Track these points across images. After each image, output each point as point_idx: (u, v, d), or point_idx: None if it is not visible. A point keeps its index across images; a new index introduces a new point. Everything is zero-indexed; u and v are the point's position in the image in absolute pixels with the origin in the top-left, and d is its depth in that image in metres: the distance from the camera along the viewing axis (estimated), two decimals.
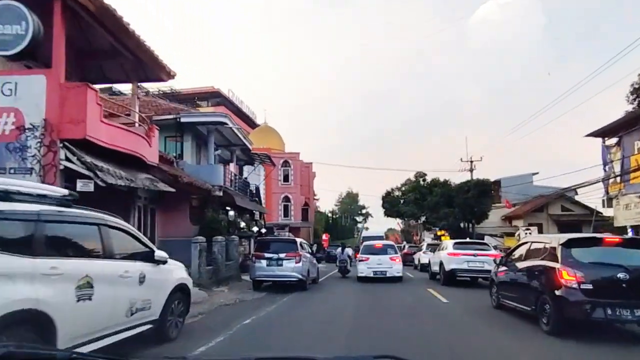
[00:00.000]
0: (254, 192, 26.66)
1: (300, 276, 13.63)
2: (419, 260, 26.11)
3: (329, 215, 79.94)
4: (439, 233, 46.07)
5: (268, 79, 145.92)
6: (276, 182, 42.12)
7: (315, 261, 17.07)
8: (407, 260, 30.88)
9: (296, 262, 13.58)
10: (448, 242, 17.61)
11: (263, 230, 25.45)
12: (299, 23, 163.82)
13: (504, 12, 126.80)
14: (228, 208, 20.54)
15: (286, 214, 42.15)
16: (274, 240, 16.72)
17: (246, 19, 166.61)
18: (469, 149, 43.64)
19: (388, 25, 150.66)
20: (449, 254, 15.62)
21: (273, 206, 42.16)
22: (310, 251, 16.80)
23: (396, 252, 18.31)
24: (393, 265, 17.13)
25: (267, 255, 13.84)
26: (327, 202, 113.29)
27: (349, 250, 26.83)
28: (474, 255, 15.04)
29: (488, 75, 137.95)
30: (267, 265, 13.70)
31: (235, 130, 18.80)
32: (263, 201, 41.72)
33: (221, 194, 17.44)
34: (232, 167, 22.76)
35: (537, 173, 47.83)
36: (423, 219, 48.97)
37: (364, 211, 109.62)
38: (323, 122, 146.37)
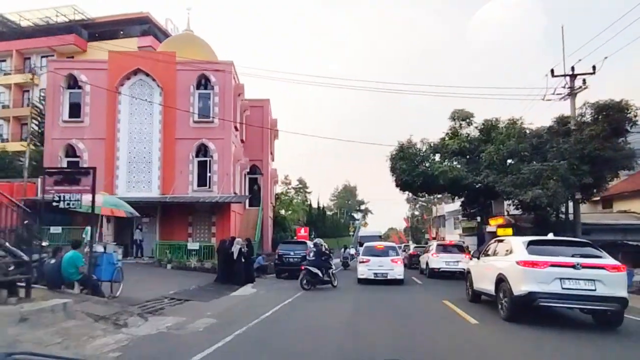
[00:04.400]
0: None
1: None
2: (426, 264, 20.87)
3: (314, 206, 60.42)
4: (492, 223, 26.41)
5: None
6: (183, 119, 21.46)
7: None
8: (413, 263, 26.85)
9: None
10: (513, 241, 9.52)
11: None
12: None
13: None
14: None
15: (203, 179, 21.60)
16: None
17: None
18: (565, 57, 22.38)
19: None
20: (521, 262, 8.33)
21: (176, 164, 21.48)
22: None
23: (398, 254, 17.58)
24: (394, 268, 16.33)
25: None
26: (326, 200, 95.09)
27: (350, 250, 33.73)
28: (573, 266, 7.94)
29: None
30: None
31: None
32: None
33: None
34: None
35: None
36: (460, 200, 29.05)
37: (362, 207, 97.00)
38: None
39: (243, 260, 15.95)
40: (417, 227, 72.98)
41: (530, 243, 8.85)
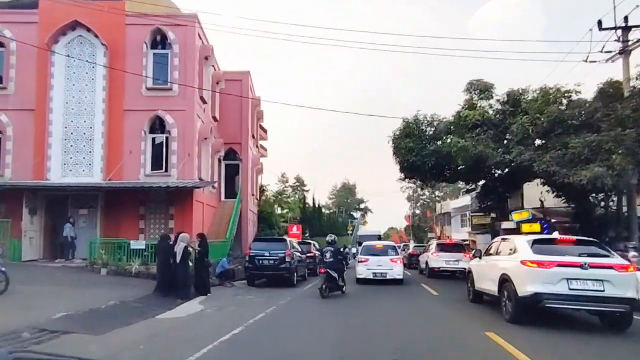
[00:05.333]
0: None
1: None
2: (426, 264, 20.44)
3: (310, 204, 56.46)
4: (516, 217, 22.54)
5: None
6: (134, 86, 17.09)
7: None
8: (413, 263, 26.21)
9: None
10: (518, 240, 9.24)
11: None
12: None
13: None
14: None
15: (158, 162, 17.27)
16: None
17: None
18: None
19: None
20: (526, 262, 8.10)
21: (124, 142, 17.08)
22: None
23: (397, 254, 17.06)
24: (394, 267, 15.92)
25: None
26: (325, 199, 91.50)
27: (353, 250, 35.21)
28: (581, 266, 7.68)
29: None
30: None
31: None
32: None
33: None
34: None
35: None
36: (475, 192, 25.08)
37: (362, 206, 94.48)
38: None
39: (192, 263, 11.57)
40: (419, 225, 68.79)
41: (535, 242, 8.61)
